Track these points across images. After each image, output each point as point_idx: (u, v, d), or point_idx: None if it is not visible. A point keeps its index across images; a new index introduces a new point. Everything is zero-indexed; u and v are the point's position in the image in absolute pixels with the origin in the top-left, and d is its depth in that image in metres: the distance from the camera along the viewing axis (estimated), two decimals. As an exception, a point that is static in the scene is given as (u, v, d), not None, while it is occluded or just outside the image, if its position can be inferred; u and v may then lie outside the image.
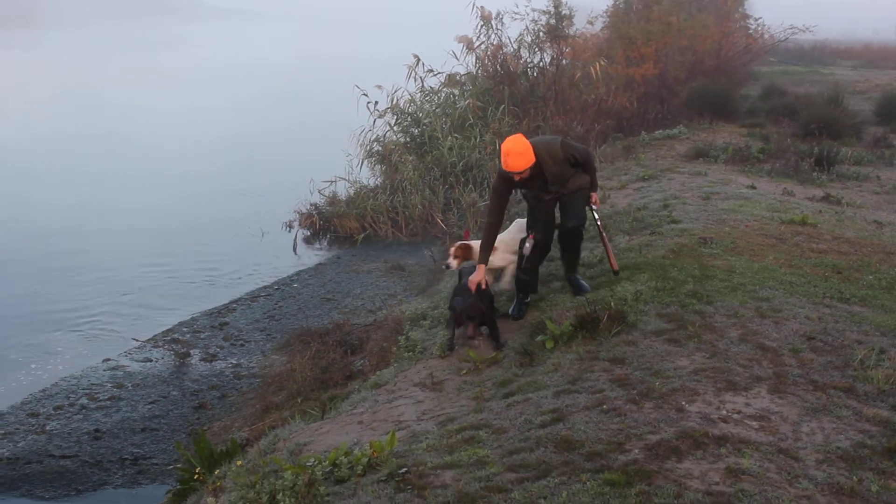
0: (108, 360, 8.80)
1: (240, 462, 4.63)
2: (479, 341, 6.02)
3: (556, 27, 16.13)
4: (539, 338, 5.65)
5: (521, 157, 5.86)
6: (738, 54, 21.41)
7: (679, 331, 5.31)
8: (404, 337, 6.84)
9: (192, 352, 8.87)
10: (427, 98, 16.98)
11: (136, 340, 9.27)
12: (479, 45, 16.77)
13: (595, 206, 6.50)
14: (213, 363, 8.70)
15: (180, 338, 9.31)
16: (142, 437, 7.15)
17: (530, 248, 6.33)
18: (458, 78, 17.26)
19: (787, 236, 7.79)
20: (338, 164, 15.16)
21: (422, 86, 16.96)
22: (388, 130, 16.12)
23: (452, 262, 6.71)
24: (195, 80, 36.09)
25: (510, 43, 16.88)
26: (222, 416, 7.49)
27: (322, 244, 13.69)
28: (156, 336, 9.44)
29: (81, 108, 27.56)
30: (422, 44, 18.39)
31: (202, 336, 9.44)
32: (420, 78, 16.90)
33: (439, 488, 3.67)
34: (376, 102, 15.89)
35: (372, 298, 10.40)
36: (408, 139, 16.11)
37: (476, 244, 6.63)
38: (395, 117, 16.28)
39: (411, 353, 6.43)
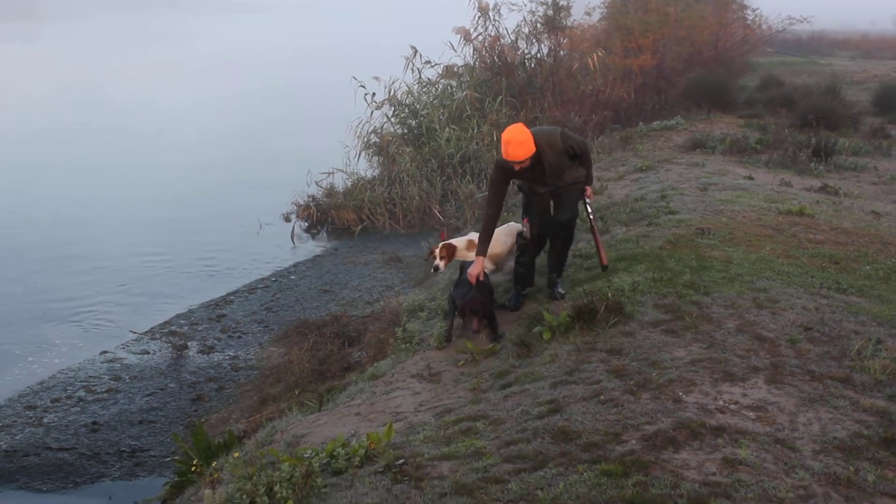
0: (105, 352, 8.80)
1: (237, 454, 4.63)
2: (482, 333, 6.00)
3: (553, 18, 16.11)
4: (536, 329, 5.65)
5: (522, 146, 5.76)
6: (735, 45, 21.35)
7: (676, 321, 5.31)
8: (402, 328, 6.85)
9: (189, 344, 8.88)
10: (425, 89, 16.96)
11: (134, 332, 9.26)
12: (476, 36, 16.75)
13: (589, 199, 6.41)
14: (211, 355, 8.71)
15: (178, 330, 9.31)
16: (139, 429, 7.16)
17: (528, 232, 6.28)
18: (455, 69, 17.24)
19: (784, 227, 7.79)
20: (335, 155, 15.13)
21: (419, 77, 16.94)
22: (386, 122, 16.11)
23: (440, 264, 6.69)
24: (194, 73, 35.92)
25: (508, 34, 16.86)
26: (220, 408, 7.49)
27: (320, 236, 13.69)
28: (153, 328, 9.44)
29: (80, 101, 27.42)
30: (419, 35, 18.32)
31: (200, 328, 9.44)
32: (418, 69, 16.89)
33: (436, 479, 3.67)
34: (374, 94, 15.88)
35: (369, 290, 10.40)
36: (405, 131, 16.09)
37: (458, 242, 6.67)
38: (392, 109, 16.26)
39: (409, 344, 6.43)
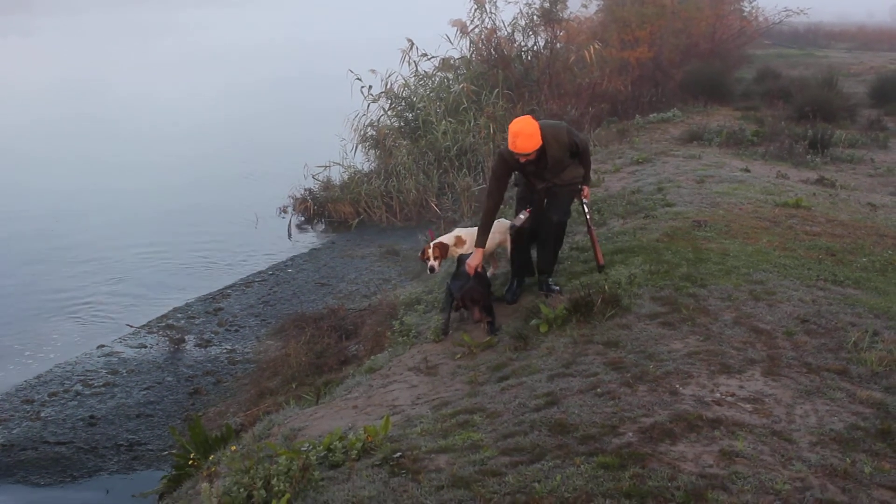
0: (102, 346, 8.78)
1: (234, 447, 4.62)
2: (482, 324, 5.97)
3: (550, 10, 16.06)
4: (533, 322, 5.65)
5: (530, 139, 5.69)
6: (732, 37, 21.33)
7: (673, 314, 5.31)
8: (399, 321, 6.85)
9: (186, 337, 8.87)
10: (421, 82, 16.94)
11: (131, 326, 9.25)
12: (472, 28, 16.72)
13: (586, 199, 6.38)
14: (208, 349, 8.69)
15: (175, 323, 9.30)
16: (137, 423, 7.15)
17: (525, 223, 6.21)
18: (452, 62, 17.19)
19: (780, 219, 7.79)
20: (332, 148, 15.12)
21: (416, 70, 16.91)
22: (383, 115, 16.10)
23: (434, 264, 6.59)
24: (189, 66, 35.86)
25: (504, 26, 16.84)
26: (217, 401, 7.49)
27: (316, 229, 13.66)
28: (150, 322, 9.42)
29: (76, 94, 27.39)
30: (416, 28, 18.29)
31: (197, 322, 9.42)
32: (414, 62, 16.87)
33: (434, 472, 3.67)
34: (370, 87, 15.87)
35: (366, 283, 10.39)
36: (402, 124, 16.07)
37: (447, 239, 6.68)
38: (389, 102, 16.25)
39: (406, 337, 6.43)
